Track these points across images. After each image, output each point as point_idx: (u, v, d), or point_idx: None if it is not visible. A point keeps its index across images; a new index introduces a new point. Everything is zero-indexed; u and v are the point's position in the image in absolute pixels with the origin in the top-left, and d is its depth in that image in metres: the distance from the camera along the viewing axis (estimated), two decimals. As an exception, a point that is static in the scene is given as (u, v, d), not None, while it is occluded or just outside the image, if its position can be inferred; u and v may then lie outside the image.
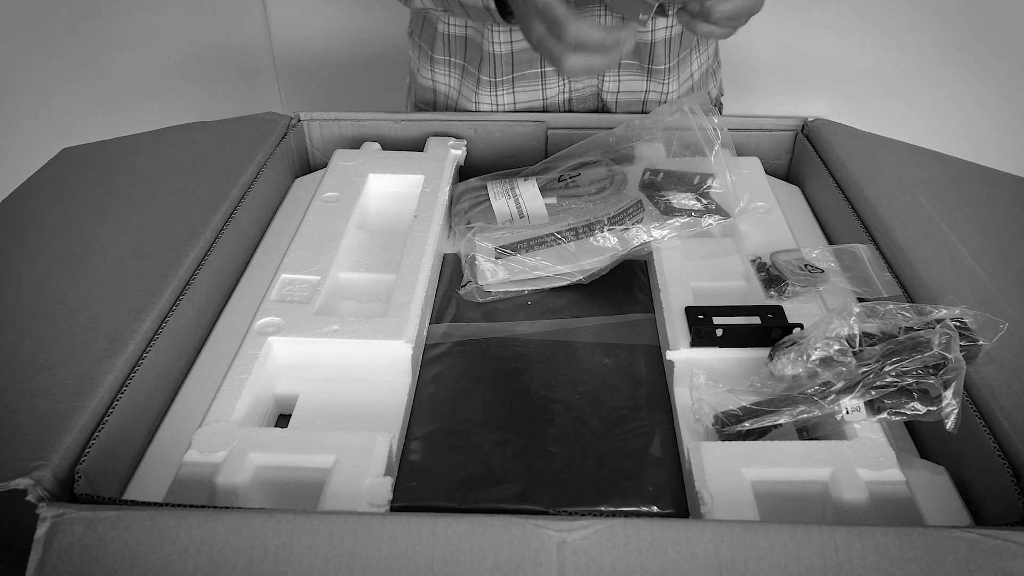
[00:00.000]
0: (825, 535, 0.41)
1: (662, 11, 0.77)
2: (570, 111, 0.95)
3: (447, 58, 0.96)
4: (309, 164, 0.94)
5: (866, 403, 0.53)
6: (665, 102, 0.95)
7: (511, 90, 0.93)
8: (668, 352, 0.61)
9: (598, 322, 0.69)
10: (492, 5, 0.74)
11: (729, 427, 0.54)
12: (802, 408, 0.53)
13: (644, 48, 0.89)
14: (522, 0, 0.69)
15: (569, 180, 0.79)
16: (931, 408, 0.51)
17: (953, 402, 0.51)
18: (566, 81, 0.92)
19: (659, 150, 0.83)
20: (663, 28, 0.88)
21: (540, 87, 0.92)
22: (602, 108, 0.95)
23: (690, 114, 0.78)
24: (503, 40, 0.88)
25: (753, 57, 1.45)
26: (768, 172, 0.86)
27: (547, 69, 0.91)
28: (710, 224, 0.73)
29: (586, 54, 0.66)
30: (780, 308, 0.61)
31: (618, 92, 0.93)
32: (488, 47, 0.89)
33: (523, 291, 0.72)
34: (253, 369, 0.58)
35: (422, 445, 0.57)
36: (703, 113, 0.78)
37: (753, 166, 0.86)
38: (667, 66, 0.91)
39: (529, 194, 0.76)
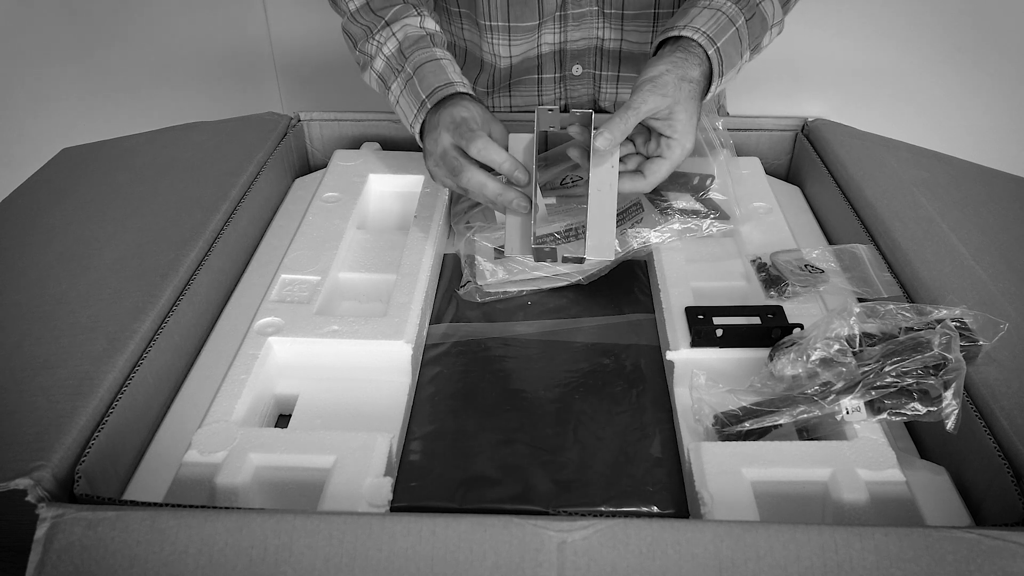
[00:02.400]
0: (825, 535, 0.41)
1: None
2: None
3: None
4: (309, 164, 0.94)
5: (866, 403, 0.53)
6: None
7: (508, 94, 0.93)
8: (668, 352, 0.61)
9: (598, 322, 0.69)
10: (419, 123, 0.73)
11: (729, 427, 0.54)
12: (802, 408, 0.53)
13: (643, 58, 0.89)
14: (437, 113, 0.69)
15: (570, 182, 0.79)
16: (931, 408, 0.51)
17: (953, 402, 0.51)
18: (563, 88, 0.92)
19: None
20: None
21: (536, 94, 0.92)
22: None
23: None
24: (503, 54, 0.88)
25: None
26: (768, 172, 0.86)
27: (544, 76, 0.91)
28: (711, 231, 0.73)
29: (484, 175, 0.66)
30: (780, 308, 0.61)
31: (615, 102, 0.93)
32: (490, 60, 0.89)
33: (522, 291, 0.72)
34: (253, 369, 0.58)
35: (422, 445, 0.57)
36: (705, 115, 0.78)
37: (753, 166, 0.86)
38: None
39: (529, 195, 0.76)
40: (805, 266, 0.68)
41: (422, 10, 0.79)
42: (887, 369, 0.53)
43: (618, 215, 0.73)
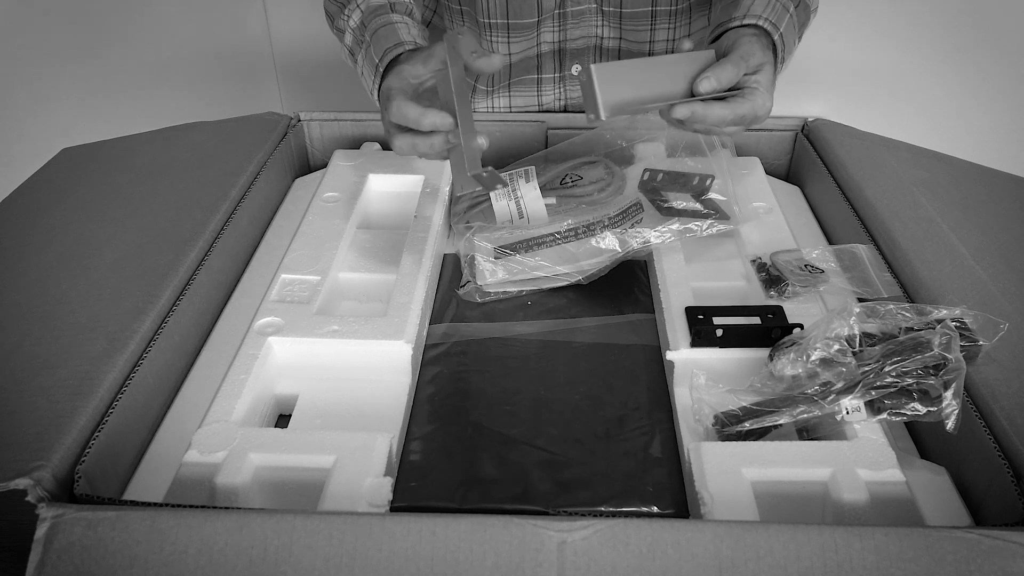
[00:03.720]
0: (825, 535, 0.41)
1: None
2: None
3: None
4: (309, 164, 0.94)
5: (866, 403, 0.53)
6: None
7: (507, 94, 0.93)
8: (668, 352, 0.61)
9: (598, 322, 0.69)
10: (376, 91, 0.72)
11: (729, 427, 0.54)
12: (802, 408, 0.53)
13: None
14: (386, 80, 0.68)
15: (570, 182, 0.79)
16: (931, 408, 0.51)
17: (953, 402, 0.51)
18: (562, 88, 0.92)
19: (659, 150, 0.83)
20: (663, 42, 0.88)
21: (536, 93, 0.92)
22: None
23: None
24: (502, 52, 0.88)
25: (753, 57, 1.45)
26: (768, 172, 0.86)
27: (543, 75, 0.91)
28: (711, 231, 0.72)
29: (411, 135, 0.63)
30: (780, 308, 0.61)
31: None
32: None
33: (522, 291, 0.72)
34: (253, 369, 0.58)
35: (422, 445, 0.57)
36: None
37: (753, 166, 0.86)
38: None
39: (530, 196, 0.76)
40: (805, 266, 0.68)
41: None
42: (887, 369, 0.53)
43: (618, 214, 0.73)
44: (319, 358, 0.62)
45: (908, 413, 0.52)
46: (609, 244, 0.71)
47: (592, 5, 0.85)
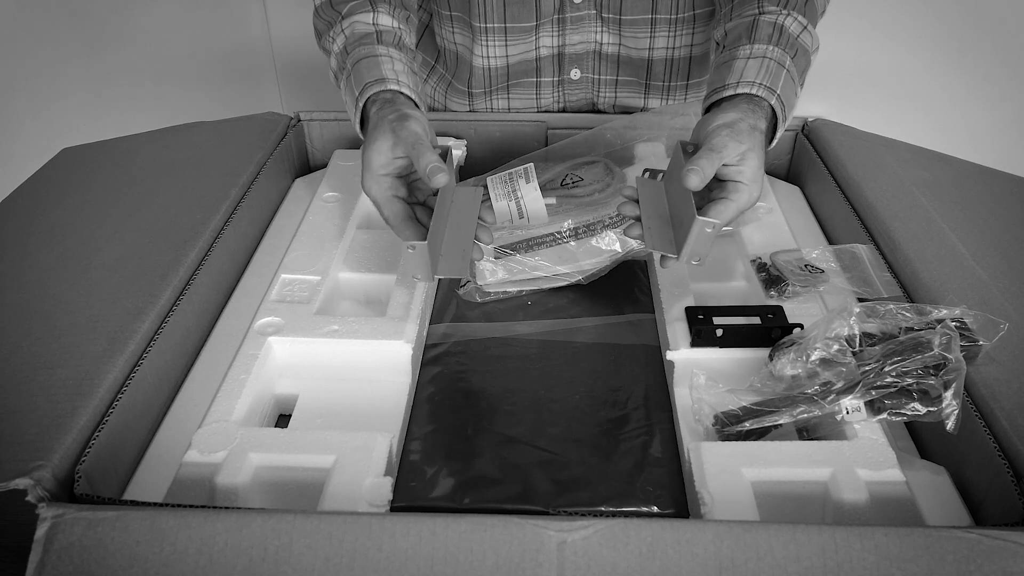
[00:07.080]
0: (825, 535, 0.41)
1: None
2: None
3: (440, 70, 0.96)
4: (309, 164, 0.94)
5: (866, 403, 0.53)
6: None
7: (506, 96, 0.93)
8: (668, 352, 0.61)
9: (598, 322, 0.69)
10: (357, 124, 0.71)
11: (729, 427, 0.54)
12: (802, 408, 0.53)
13: (641, 64, 0.89)
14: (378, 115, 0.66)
15: (570, 182, 0.79)
16: (931, 408, 0.51)
17: (953, 402, 0.51)
18: (561, 92, 0.92)
19: (659, 150, 0.83)
20: (662, 48, 0.87)
21: (535, 96, 0.92)
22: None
23: (694, 116, 0.78)
24: (499, 55, 0.88)
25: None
26: (768, 172, 0.86)
27: (542, 79, 0.91)
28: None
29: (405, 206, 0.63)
30: (780, 308, 0.61)
31: (614, 105, 0.93)
32: (480, 62, 0.88)
33: (522, 291, 0.72)
34: (253, 369, 0.58)
35: (422, 445, 0.57)
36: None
37: (753, 166, 0.86)
38: (666, 84, 0.91)
39: (530, 196, 0.76)
40: (805, 266, 0.68)
41: (379, 6, 0.75)
42: (887, 369, 0.53)
43: (618, 215, 0.73)
44: (319, 358, 0.62)
45: (908, 413, 0.52)
46: (609, 244, 0.71)
47: (592, 11, 0.85)
